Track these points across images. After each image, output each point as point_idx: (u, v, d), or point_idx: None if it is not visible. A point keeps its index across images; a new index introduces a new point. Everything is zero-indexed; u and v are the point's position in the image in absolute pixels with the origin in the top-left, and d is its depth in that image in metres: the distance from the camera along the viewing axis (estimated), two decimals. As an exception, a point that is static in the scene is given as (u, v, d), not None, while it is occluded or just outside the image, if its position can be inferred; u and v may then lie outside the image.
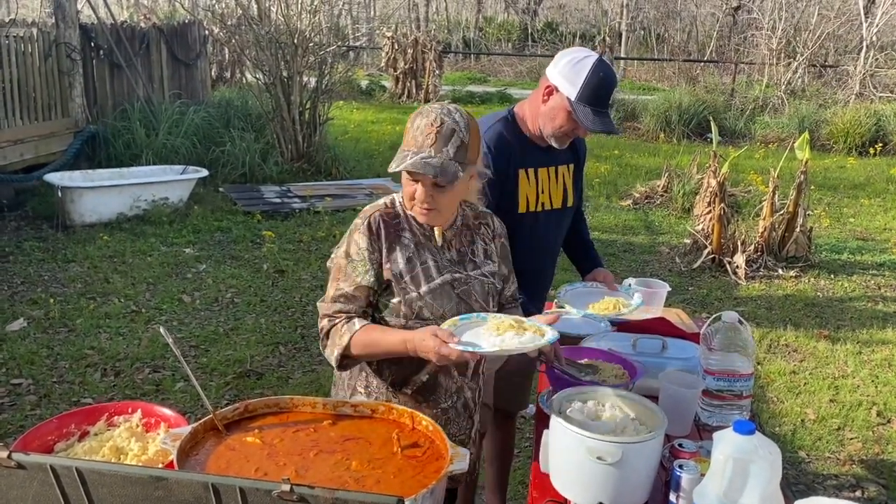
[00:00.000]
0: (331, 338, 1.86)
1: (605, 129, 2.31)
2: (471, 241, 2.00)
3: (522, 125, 2.45)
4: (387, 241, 1.89)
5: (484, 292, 1.96)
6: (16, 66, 7.52)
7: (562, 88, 2.30)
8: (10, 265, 5.80)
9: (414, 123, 1.82)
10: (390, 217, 1.92)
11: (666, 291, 2.93)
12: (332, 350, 1.85)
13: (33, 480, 1.20)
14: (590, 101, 2.27)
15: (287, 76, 8.84)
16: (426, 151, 1.78)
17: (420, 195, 1.83)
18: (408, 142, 1.82)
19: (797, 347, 4.89)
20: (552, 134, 2.38)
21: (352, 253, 1.89)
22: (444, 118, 1.80)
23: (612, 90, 2.32)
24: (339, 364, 1.85)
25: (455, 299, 1.90)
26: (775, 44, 14.57)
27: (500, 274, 2.04)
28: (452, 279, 1.92)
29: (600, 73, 2.27)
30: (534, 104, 2.41)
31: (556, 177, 2.53)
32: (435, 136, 1.79)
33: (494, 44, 24.35)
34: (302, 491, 1.10)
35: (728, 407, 2.22)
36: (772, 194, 6.36)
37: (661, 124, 12.54)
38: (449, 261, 1.93)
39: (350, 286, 1.87)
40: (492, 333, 1.75)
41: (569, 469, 1.79)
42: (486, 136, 2.36)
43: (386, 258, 1.88)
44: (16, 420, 3.72)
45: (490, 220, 2.07)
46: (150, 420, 1.71)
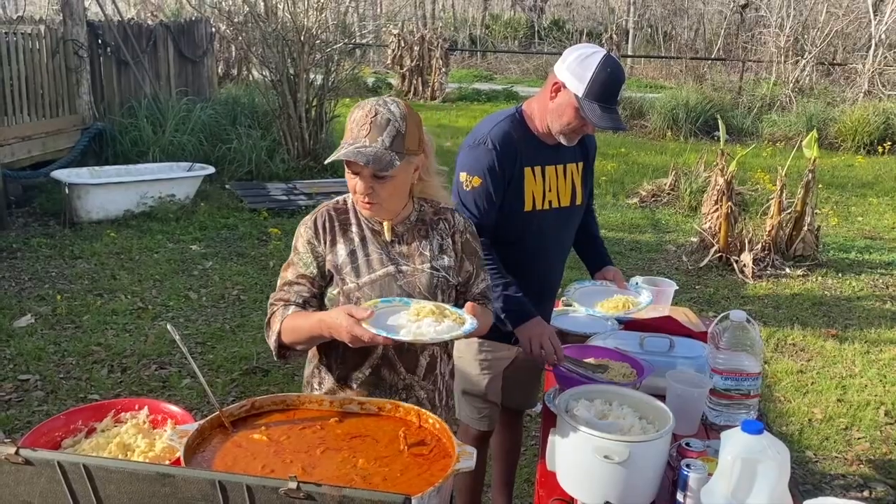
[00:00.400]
0: (270, 326, 1.87)
1: (613, 126, 2.28)
2: (424, 236, 1.97)
3: (530, 123, 2.43)
4: (330, 235, 1.91)
5: (431, 285, 1.92)
6: (23, 63, 7.54)
7: (569, 85, 2.28)
8: (17, 261, 5.82)
9: (351, 117, 1.83)
10: (338, 213, 1.94)
11: (673, 290, 2.93)
12: (269, 338, 1.86)
13: (41, 476, 1.20)
14: (597, 97, 2.25)
15: (294, 73, 8.84)
16: (361, 141, 1.79)
17: (360, 187, 1.83)
18: (346, 135, 1.84)
19: (804, 346, 4.87)
20: (560, 131, 2.36)
21: (298, 246, 1.91)
22: (378, 108, 1.80)
23: (621, 86, 2.30)
24: (276, 352, 1.86)
25: (397, 291, 1.87)
26: (783, 41, 14.51)
27: (455, 269, 1.99)
28: (396, 271, 1.89)
29: (608, 69, 2.25)
30: (542, 101, 2.39)
31: (565, 175, 2.51)
32: (369, 126, 1.79)
33: (501, 41, 24.31)
34: (309, 489, 1.10)
35: (735, 406, 2.21)
36: (779, 193, 6.33)
37: (668, 122, 12.51)
38: (398, 254, 1.92)
39: (293, 275, 1.90)
40: (411, 319, 1.72)
41: (576, 468, 1.79)
42: (491, 133, 2.36)
43: (329, 250, 1.89)
44: (23, 416, 3.73)
45: (451, 217, 2.03)
46: (157, 417, 1.72)
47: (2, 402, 3.85)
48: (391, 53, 16.73)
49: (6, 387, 4.00)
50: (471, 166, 2.36)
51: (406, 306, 1.78)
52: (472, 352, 2.55)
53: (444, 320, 1.71)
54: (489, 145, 2.34)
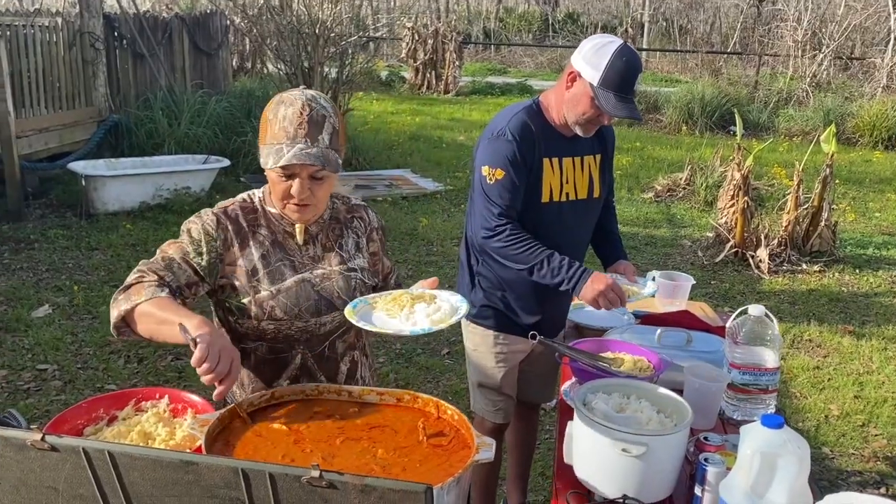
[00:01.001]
0: (127, 293, 1.64)
1: (628, 115, 2.27)
2: (339, 236, 1.88)
3: (547, 114, 2.43)
4: (239, 236, 1.77)
5: (349, 287, 1.83)
6: (41, 56, 7.59)
7: (584, 74, 2.27)
8: (35, 252, 5.87)
9: (278, 114, 1.68)
10: (246, 212, 1.81)
11: (690, 284, 2.91)
12: (120, 306, 1.62)
13: (66, 463, 1.22)
14: (613, 86, 2.24)
15: (308, 67, 8.85)
16: (302, 142, 1.66)
17: (298, 190, 1.69)
18: (275, 134, 1.68)
19: (821, 343, 4.84)
20: (576, 121, 2.35)
21: (192, 231, 1.75)
22: (311, 104, 1.68)
23: (637, 76, 2.29)
24: (116, 325, 1.64)
25: (314, 296, 1.78)
26: (801, 35, 14.37)
27: (370, 270, 1.92)
28: (312, 276, 1.79)
29: (624, 58, 2.24)
30: (558, 92, 2.40)
31: (582, 167, 2.50)
32: (307, 124, 1.66)
33: (515, 34, 24.22)
34: (331, 477, 1.11)
35: (753, 401, 2.20)
36: (796, 188, 6.28)
37: (684, 116, 12.43)
38: (311, 257, 1.81)
39: (178, 254, 1.72)
40: (390, 312, 1.67)
41: (593, 461, 1.79)
42: (510, 125, 2.35)
43: (238, 253, 1.75)
44: (41, 405, 3.77)
45: (365, 213, 1.95)
46: (178, 406, 1.73)
47: (21, 391, 3.90)
48: (405, 47, 16.70)
49: (25, 376, 4.04)
50: (492, 159, 2.36)
51: (373, 303, 1.73)
52: (488, 344, 2.55)
53: (433, 301, 1.70)
54: (508, 136, 2.34)
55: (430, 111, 13.60)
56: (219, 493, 1.18)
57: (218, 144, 8.42)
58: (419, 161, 9.63)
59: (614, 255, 2.71)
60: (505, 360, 2.57)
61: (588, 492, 1.82)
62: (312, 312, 1.79)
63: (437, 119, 12.81)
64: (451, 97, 15.73)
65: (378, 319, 1.67)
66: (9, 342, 4.38)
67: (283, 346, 1.81)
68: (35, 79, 7.53)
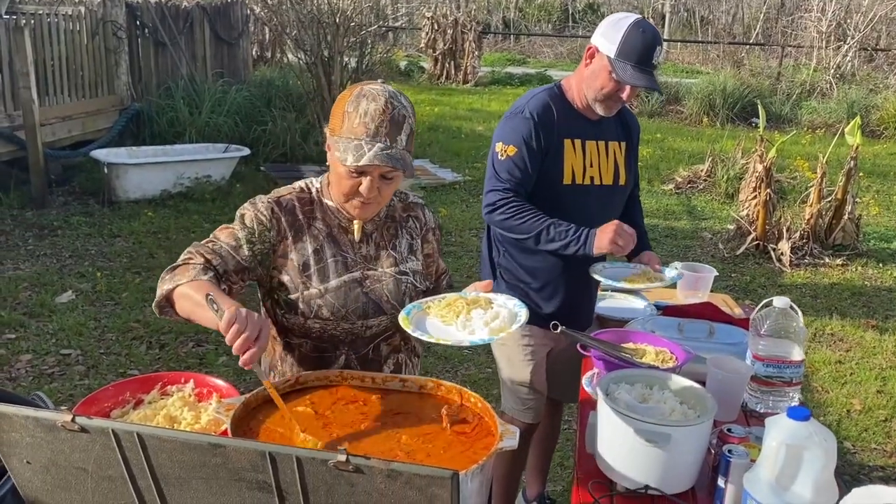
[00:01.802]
0: (173, 272, 1.63)
1: (646, 85, 2.24)
2: (394, 235, 1.82)
3: (569, 95, 2.42)
4: (295, 228, 1.72)
5: (398, 292, 1.79)
6: (64, 45, 7.65)
7: (602, 48, 2.27)
8: (58, 239, 5.94)
9: (359, 107, 1.61)
10: (302, 203, 1.75)
11: (713, 276, 2.89)
12: (164, 285, 1.62)
13: (95, 444, 1.23)
14: (629, 56, 2.22)
15: (328, 56, 8.85)
16: (382, 141, 1.60)
17: (367, 188, 1.64)
18: (353, 128, 1.61)
19: (843, 337, 4.79)
20: (595, 97, 2.33)
21: (246, 219, 1.70)
22: (393, 103, 1.62)
23: (655, 48, 2.25)
24: (158, 303, 1.63)
25: (363, 298, 1.74)
26: (825, 26, 14.18)
27: (423, 273, 1.87)
28: (362, 276, 1.74)
29: (640, 29, 2.23)
30: (578, 72, 2.40)
31: (607, 152, 2.47)
32: (388, 123, 1.61)
33: (534, 25, 24.09)
34: (358, 462, 1.11)
35: (776, 394, 2.18)
36: (820, 180, 6.21)
37: (705, 108, 12.32)
38: (363, 256, 1.76)
39: (227, 240, 1.68)
40: (452, 317, 1.63)
41: (616, 451, 1.78)
42: (529, 105, 2.35)
43: (291, 245, 1.71)
44: (65, 389, 3.82)
45: (421, 213, 1.89)
46: (203, 390, 1.74)
47: (45, 375, 3.95)
48: (424, 37, 16.66)
49: (49, 360, 4.10)
50: (507, 136, 2.34)
51: (426, 309, 1.69)
52: (515, 338, 2.52)
53: (490, 307, 1.67)
54: (526, 114, 2.33)
55: (449, 101, 13.57)
56: (246, 475, 1.19)
57: (238, 133, 8.47)
58: (438, 151, 9.62)
59: (639, 247, 2.61)
60: (532, 353, 2.54)
61: (609, 481, 1.82)
62: (359, 315, 1.75)
63: (456, 109, 12.78)
64: (470, 87, 15.68)
65: (433, 327, 1.63)
66: (33, 327, 4.44)
67: (328, 345, 1.78)
68: (58, 67, 7.60)
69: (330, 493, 1.16)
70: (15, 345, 4.22)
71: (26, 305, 4.71)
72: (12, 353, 4.13)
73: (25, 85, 6.48)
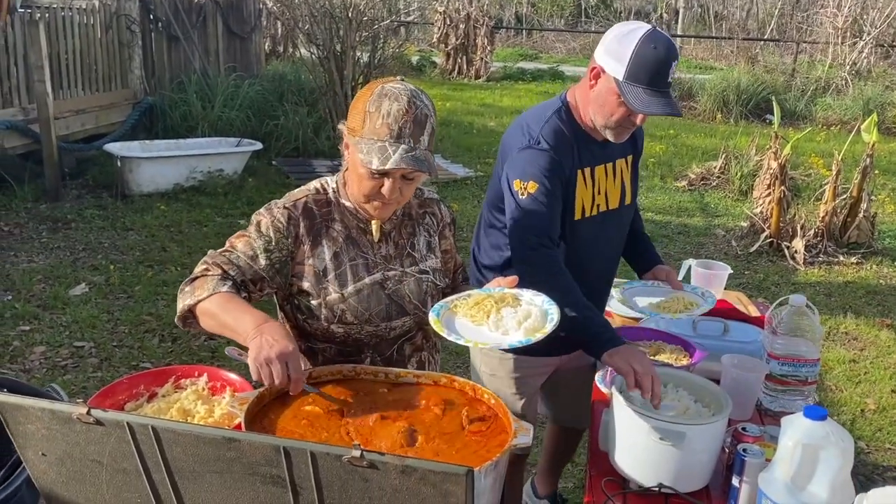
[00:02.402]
0: (192, 285, 1.62)
1: (664, 112, 1.94)
2: (412, 234, 1.80)
3: (576, 115, 2.13)
4: (311, 233, 1.69)
5: (420, 291, 1.77)
6: (78, 38, 7.69)
7: (608, 68, 1.97)
8: (72, 232, 5.97)
9: (381, 108, 1.58)
10: (319, 205, 1.72)
11: (727, 274, 2.87)
12: (185, 299, 1.61)
13: (110, 437, 1.24)
14: (641, 78, 1.92)
15: (340, 51, 8.85)
16: (406, 143, 1.57)
17: (390, 190, 1.61)
18: (376, 129, 1.57)
19: (857, 336, 4.75)
20: (605, 125, 2.05)
21: (262, 227, 1.68)
22: (416, 102, 1.59)
23: (670, 66, 1.95)
24: (181, 317, 1.62)
25: (385, 300, 1.72)
26: (841, 22, 14.03)
27: (442, 271, 1.85)
28: (384, 278, 1.72)
29: (652, 45, 1.91)
30: (582, 91, 2.09)
31: (614, 173, 2.23)
32: (412, 124, 1.57)
33: (547, 20, 23.99)
34: (372, 457, 1.11)
35: (791, 392, 2.17)
36: (835, 178, 6.16)
37: (719, 104, 12.23)
38: (383, 257, 1.74)
39: (244, 250, 1.66)
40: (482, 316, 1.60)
41: (630, 449, 1.77)
42: (543, 132, 2.06)
43: (309, 252, 1.68)
44: (78, 381, 3.84)
45: (437, 209, 1.87)
46: (216, 384, 1.75)
47: (59, 367, 3.97)
48: (436, 31, 16.62)
49: (62, 353, 4.12)
50: (523, 171, 2.04)
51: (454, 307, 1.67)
52: (507, 368, 2.32)
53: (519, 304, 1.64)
54: (543, 146, 2.05)
55: (461, 96, 13.54)
56: (260, 470, 1.19)
57: (250, 128, 8.48)
58: (450, 147, 9.60)
59: (648, 259, 2.44)
60: (524, 384, 2.34)
61: (623, 479, 1.81)
62: (383, 317, 1.73)
63: (468, 105, 12.75)
64: (482, 83, 15.64)
65: (464, 328, 1.60)
66: (47, 319, 4.47)
67: (352, 349, 1.76)
68: (72, 61, 7.63)
69: (344, 488, 1.16)
70: (29, 337, 4.25)
71: (40, 298, 4.74)
72: (26, 344, 4.16)
73: (40, 78, 6.50)
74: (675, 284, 2.33)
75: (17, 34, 6.85)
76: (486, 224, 2.29)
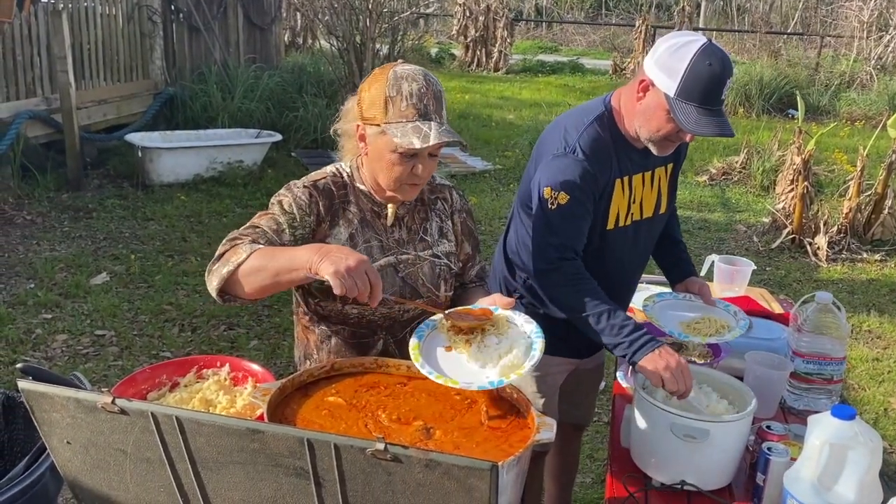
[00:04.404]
0: (222, 259, 1.57)
1: (714, 133, 1.86)
2: (424, 219, 1.81)
3: (619, 121, 2.03)
4: (330, 213, 1.70)
5: (433, 275, 1.78)
6: (100, 29, 7.74)
7: (659, 83, 1.88)
8: (93, 221, 6.02)
9: (402, 90, 1.59)
10: (337, 187, 1.74)
11: (751, 270, 2.84)
12: (220, 271, 1.55)
13: (135, 426, 1.24)
14: (693, 96, 1.84)
15: (360, 42, 8.84)
16: (434, 119, 1.60)
17: (423, 169, 1.63)
18: (402, 112, 1.59)
19: (881, 334, 4.69)
20: (650, 138, 1.97)
21: (284, 204, 1.68)
22: (429, 79, 1.63)
23: (725, 83, 1.87)
24: (219, 291, 1.56)
25: (399, 283, 1.73)
26: (866, 16, 13.83)
27: (456, 254, 1.86)
28: (397, 261, 1.74)
29: (707, 62, 1.83)
30: (628, 100, 2.00)
31: (652, 182, 2.15)
32: (433, 101, 1.61)
33: (567, 12, 23.84)
34: (396, 451, 1.10)
35: (816, 391, 2.14)
36: (859, 174, 6.08)
37: (741, 98, 12.10)
38: (396, 241, 1.76)
39: (270, 225, 1.65)
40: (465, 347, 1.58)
41: (652, 446, 1.76)
42: (580, 140, 1.98)
43: (327, 231, 1.70)
44: (99, 369, 3.87)
45: (448, 195, 1.87)
46: (238, 374, 1.75)
47: (80, 355, 4.01)
48: (456, 23, 16.57)
49: (84, 341, 4.16)
50: (555, 180, 1.96)
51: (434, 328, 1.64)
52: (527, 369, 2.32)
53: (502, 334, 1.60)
54: (579, 155, 1.96)
55: (480, 89, 13.50)
56: (283, 461, 1.19)
57: (270, 119, 8.49)
58: (468, 139, 9.57)
59: (682, 270, 2.35)
60: (545, 383, 2.29)
61: (645, 476, 1.80)
62: (397, 297, 1.73)
63: (487, 97, 12.71)
64: (501, 75, 15.59)
65: (444, 358, 1.58)
66: (69, 307, 4.51)
67: (366, 331, 1.77)
68: (94, 51, 7.68)
69: (367, 481, 1.16)
70: (51, 325, 4.29)
71: (62, 286, 4.79)
72: (48, 332, 4.20)
73: (63, 69, 6.55)
74: (707, 299, 2.25)
75: (40, 24, 6.90)
76: (517, 221, 2.22)
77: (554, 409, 2.33)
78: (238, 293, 1.57)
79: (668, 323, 2.13)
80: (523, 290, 2.22)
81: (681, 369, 1.79)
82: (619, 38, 19.11)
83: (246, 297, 1.57)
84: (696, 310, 2.22)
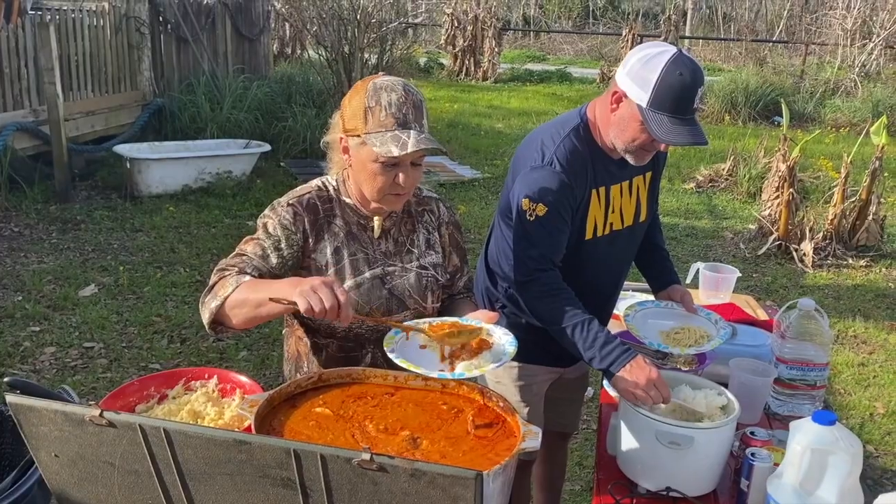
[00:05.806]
0: (212, 292, 1.61)
1: (689, 142, 1.89)
2: (411, 230, 1.83)
3: (595, 133, 2.06)
4: (315, 228, 1.72)
5: (420, 286, 1.80)
6: (88, 40, 7.73)
7: (631, 94, 1.90)
8: (81, 233, 6.00)
9: (381, 100, 1.62)
10: (322, 201, 1.75)
11: (735, 277, 2.87)
12: (210, 305, 1.59)
13: (122, 438, 1.25)
14: (665, 106, 1.86)
15: (348, 52, 8.88)
16: (413, 127, 1.62)
17: (405, 178, 1.64)
18: (382, 121, 1.61)
19: (866, 339, 4.74)
20: (625, 149, 1.99)
21: (269, 227, 1.70)
22: (409, 89, 1.65)
23: (697, 92, 1.88)
24: (211, 325, 1.61)
25: (385, 294, 1.75)
26: (850, 24, 13.99)
27: (444, 266, 1.87)
28: (384, 273, 1.76)
29: (678, 72, 1.84)
30: (603, 111, 2.02)
31: (630, 191, 2.16)
32: (413, 110, 1.62)
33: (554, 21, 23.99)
34: (382, 460, 1.12)
35: (800, 396, 2.17)
36: (844, 180, 6.14)
37: (727, 106, 12.21)
38: (383, 253, 1.77)
39: (257, 251, 1.68)
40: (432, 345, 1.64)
41: (638, 453, 1.78)
42: (557, 154, 1.99)
43: (312, 247, 1.72)
44: (88, 382, 3.86)
45: (435, 207, 1.88)
46: (226, 386, 1.75)
47: (68, 367, 4.00)
48: (444, 33, 16.64)
49: (72, 353, 4.15)
50: (533, 191, 1.97)
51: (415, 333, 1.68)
52: (512, 377, 2.28)
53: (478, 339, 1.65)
54: (556, 167, 1.98)
55: (469, 98, 13.55)
56: (270, 472, 1.20)
57: (259, 129, 8.50)
58: (457, 148, 9.61)
59: (665, 278, 2.36)
60: (529, 391, 2.29)
61: (631, 483, 1.82)
62: (383, 311, 1.76)
63: (476, 106, 12.76)
64: (490, 84, 15.65)
65: (415, 352, 1.64)
66: (57, 320, 4.50)
67: (354, 344, 1.79)
68: (82, 63, 7.67)
69: (353, 491, 1.17)
70: (39, 337, 4.27)
71: (50, 298, 4.77)
72: (36, 345, 4.19)
73: (50, 80, 6.55)
74: (689, 308, 2.25)
75: (27, 36, 6.90)
76: (498, 232, 2.23)
77: (539, 418, 2.33)
78: (228, 325, 1.62)
79: (648, 333, 2.13)
80: (505, 299, 2.23)
81: (652, 382, 1.79)
82: (607, 46, 19.24)
83: (236, 328, 1.62)
84: (677, 318, 2.22)
